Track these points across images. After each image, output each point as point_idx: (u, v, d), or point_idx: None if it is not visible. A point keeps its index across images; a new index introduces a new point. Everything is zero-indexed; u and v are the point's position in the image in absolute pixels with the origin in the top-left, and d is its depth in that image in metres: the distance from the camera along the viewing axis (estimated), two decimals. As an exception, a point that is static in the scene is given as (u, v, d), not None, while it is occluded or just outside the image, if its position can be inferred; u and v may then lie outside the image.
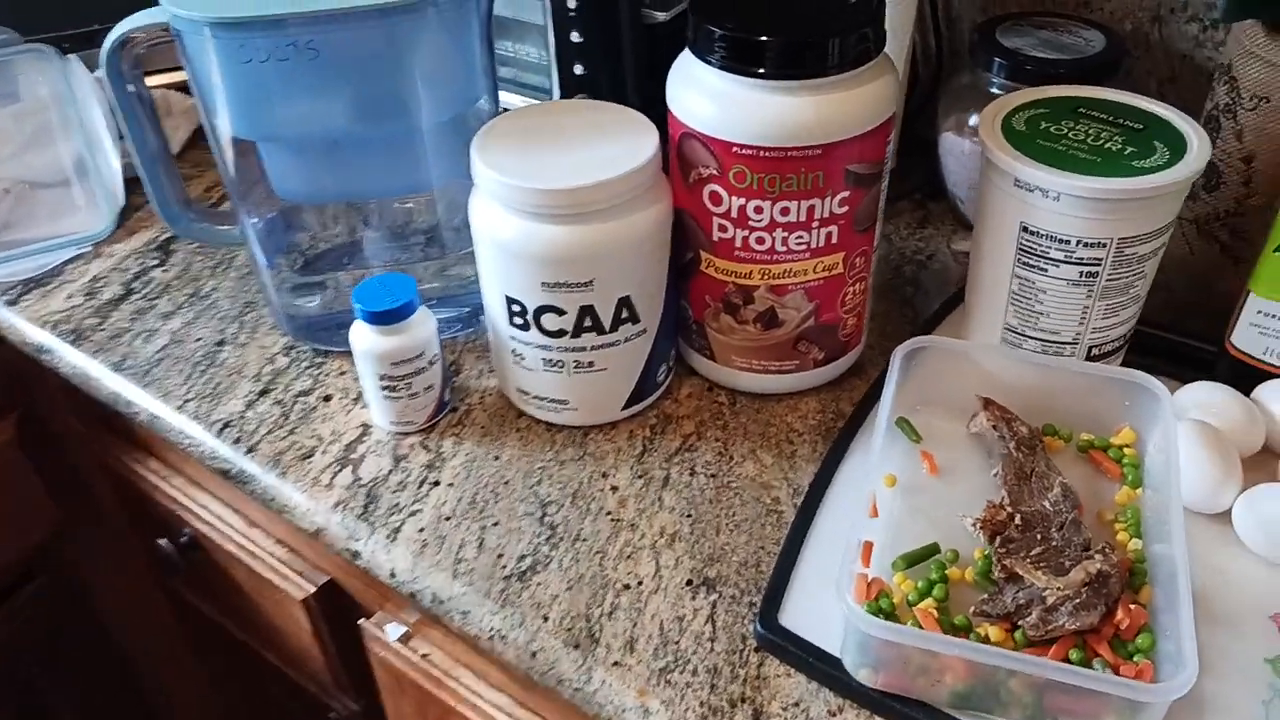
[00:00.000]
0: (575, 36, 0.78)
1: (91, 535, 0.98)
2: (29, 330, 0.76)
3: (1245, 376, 0.61)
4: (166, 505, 0.82)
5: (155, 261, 0.82)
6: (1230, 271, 0.67)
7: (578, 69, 0.80)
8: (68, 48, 0.90)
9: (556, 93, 0.83)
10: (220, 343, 0.73)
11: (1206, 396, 0.58)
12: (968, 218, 0.81)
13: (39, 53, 0.87)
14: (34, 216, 0.84)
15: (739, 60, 0.54)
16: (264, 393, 0.69)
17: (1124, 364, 0.64)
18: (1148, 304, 0.61)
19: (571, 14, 0.77)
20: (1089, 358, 0.62)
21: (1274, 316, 0.58)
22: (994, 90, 0.74)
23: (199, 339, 0.74)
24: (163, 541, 0.81)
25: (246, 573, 0.78)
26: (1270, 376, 0.60)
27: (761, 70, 0.54)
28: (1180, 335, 0.67)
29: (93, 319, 0.76)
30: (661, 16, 0.78)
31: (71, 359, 0.73)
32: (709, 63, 0.55)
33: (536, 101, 0.85)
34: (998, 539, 0.53)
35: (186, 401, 0.68)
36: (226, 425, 0.66)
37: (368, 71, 0.59)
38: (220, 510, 0.78)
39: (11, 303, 0.78)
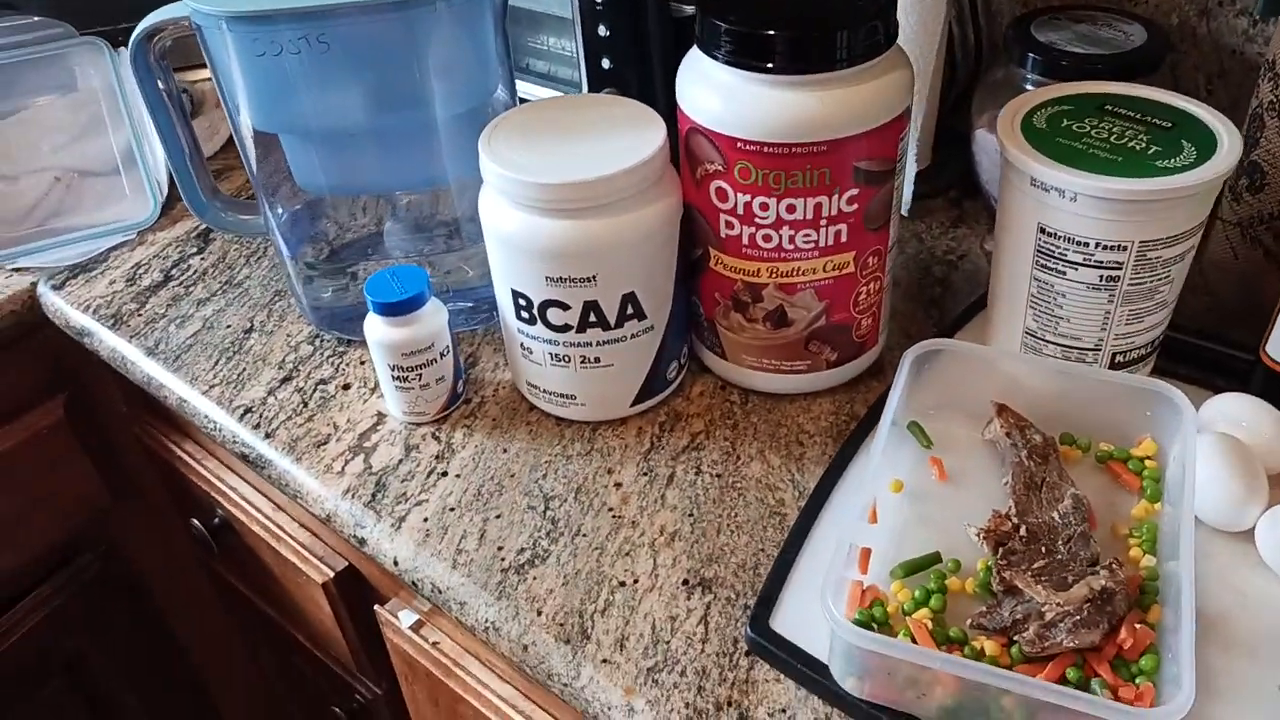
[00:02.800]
0: (602, 30, 0.78)
1: (136, 513, 1.01)
2: (72, 315, 0.79)
3: (1280, 388, 0.58)
4: (201, 486, 0.84)
5: (194, 250, 0.84)
6: (1275, 276, 0.64)
7: (605, 63, 0.80)
8: (121, 40, 0.93)
9: (584, 86, 0.83)
10: (249, 330, 0.75)
11: (1235, 409, 0.56)
12: (1003, 216, 0.78)
13: (92, 45, 0.90)
14: (83, 204, 0.87)
15: (744, 55, 0.53)
16: (286, 380, 0.70)
17: (1156, 371, 0.62)
18: (1191, 310, 0.59)
19: (599, 8, 0.77)
20: (1114, 364, 0.59)
21: (1310, 326, 0.55)
22: (1028, 86, 0.71)
23: (229, 326, 0.76)
24: (195, 522, 0.84)
25: (273, 555, 0.79)
26: (1307, 388, 0.57)
27: (768, 65, 0.53)
28: (1217, 343, 0.63)
29: (131, 304, 0.78)
30: (690, 10, 0.78)
31: (110, 342, 0.76)
32: (715, 58, 0.55)
33: (566, 94, 0.85)
34: (1000, 550, 0.51)
35: (212, 386, 0.70)
36: (248, 410, 0.68)
37: (380, 65, 0.60)
38: (249, 493, 0.80)
39: (58, 287, 0.81)
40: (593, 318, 0.59)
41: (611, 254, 0.57)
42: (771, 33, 0.52)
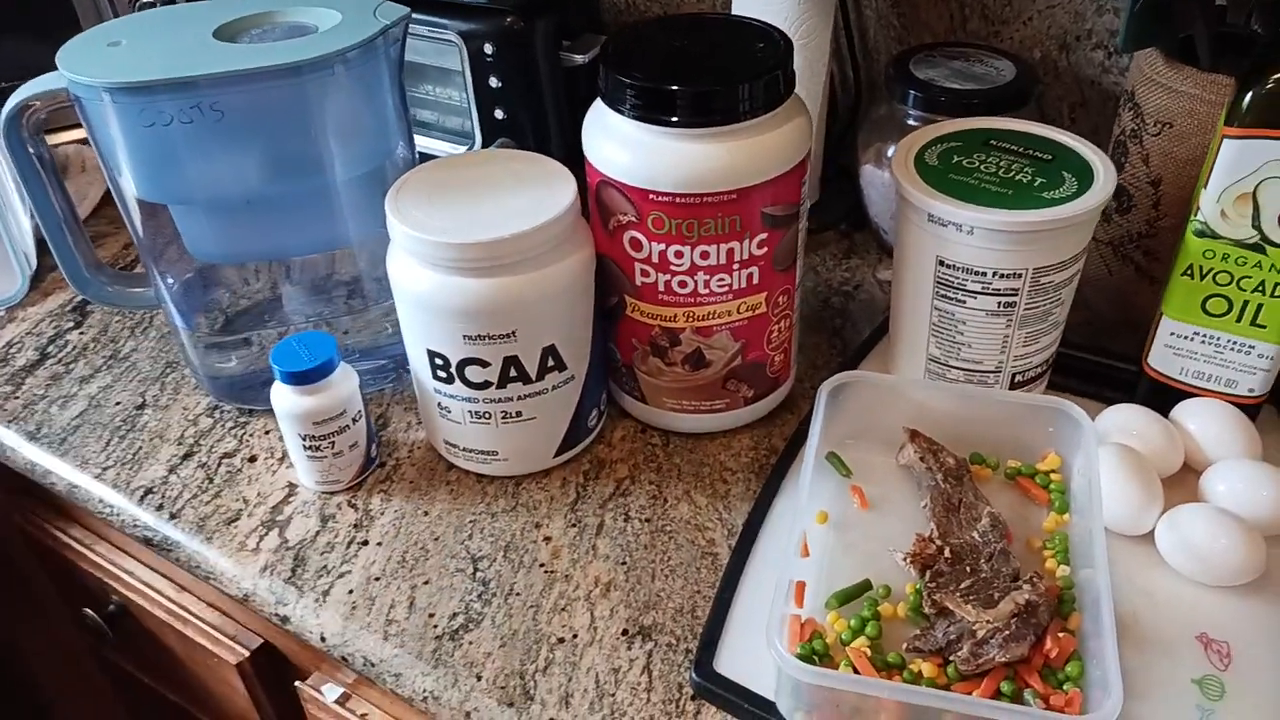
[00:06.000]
0: (494, 82, 0.78)
1: (20, 605, 0.95)
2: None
3: (1164, 396, 0.62)
4: (92, 574, 0.79)
5: (71, 324, 0.80)
6: (1147, 291, 0.68)
7: (498, 113, 0.80)
8: (-25, 106, 0.88)
9: (478, 137, 0.83)
10: (141, 406, 0.71)
11: (1127, 419, 0.59)
12: (891, 245, 0.82)
13: (-56, 113, 0.84)
14: (-57, 282, 0.81)
15: (650, 109, 0.54)
16: (187, 456, 0.67)
17: (1050, 387, 0.65)
18: (1072, 325, 0.62)
19: (489, 59, 0.77)
20: (1013, 385, 0.63)
21: (1185, 338, 0.60)
22: (911, 122, 0.75)
23: (118, 403, 0.72)
24: (89, 611, 0.79)
25: (178, 639, 0.75)
26: (1187, 395, 0.61)
27: (674, 119, 0.54)
28: (1102, 356, 0.68)
29: (6, 386, 0.74)
30: (580, 59, 0.79)
31: (-15, 429, 0.71)
32: (621, 112, 0.55)
33: (459, 146, 0.84)
34: (928, 573, 0.53)
35: (105, 469, 0.66)
36: (149, 492, 0.65)
37: (277, 131, 0.59)
38: (148, 576, 0.76)
39: (-79, 373, 0.75)
40: (513, 373, 0.59)
41: (530, 309, 0.57)
42: (678, 88, 0.53)
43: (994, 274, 0.57)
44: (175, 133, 0.56)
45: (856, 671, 0.49)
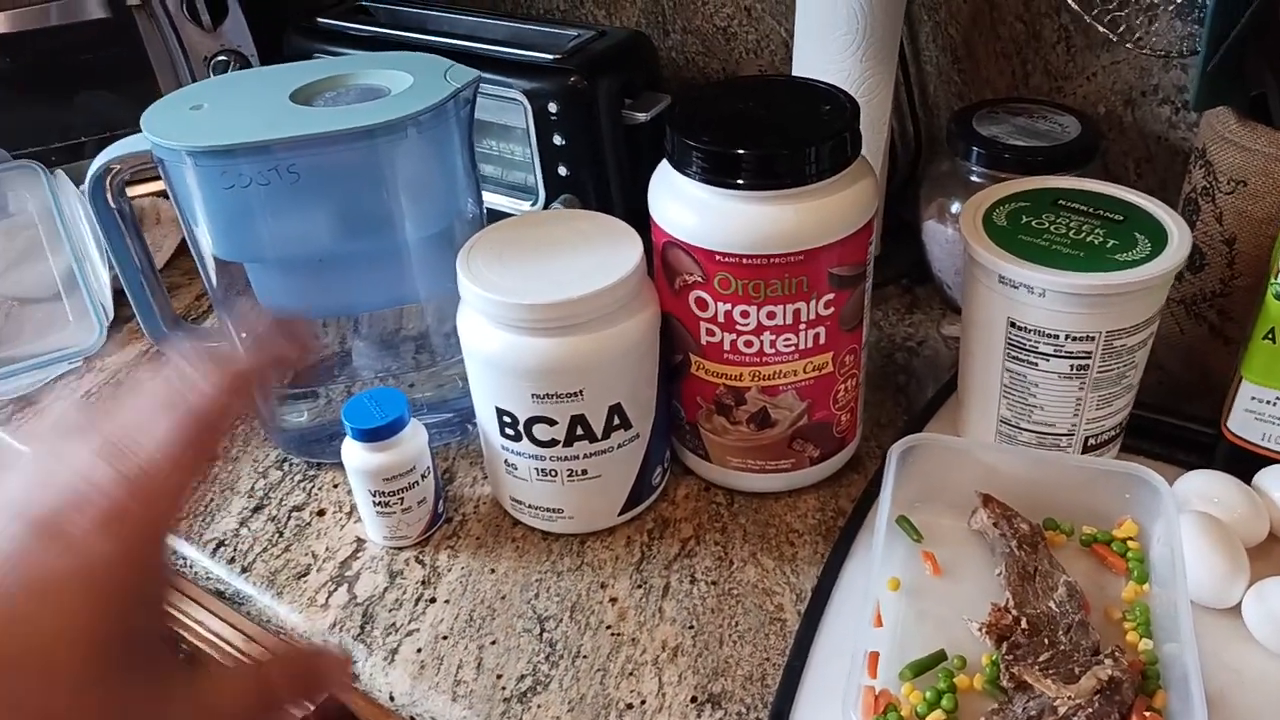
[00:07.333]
0: (557, 139, 0.79)
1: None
2: (19, 449, 0.75)
3: (1244, 462, 0.60)
4: (159, 622, 0.80)
5: (146, 375, 0.81)
6: (1221, 351, 0.67)
7: (561, 170, 0.81)
8: (55, 161, 0.91)
9: (541, 192, 0.84)
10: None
11: (1207, 486, 0.58)
12: (955, 301, 0.81)
13: (26, 169, 0.87)
14: (23, 333, 0.84)
15: (717, 172, 0.54)
16: (258, 509, 0.68)
17: (1122, 449, 0.64)
18: (1143, 385, 0.61)
19: (553, 118, 0.78)
20: (1086, 448, 0.61)
21: (1268, 402, 0.58)
22: (974, 178, 0.74)
23: (190, 455, 0.73)
24: (156, 661, 0.80)
25: (242, 690, 0.76)
26: (1269, 462, 0.59)
27: (740, 182, 0.54)
28: (1177, 418, 0.66)
29: (82, 437, 0.75)
30: (642, 117, 0.80)
31: (61, 479, 0.73)
32: (688, 174, 0.56)
33: (523, 201, 0.85)
34: (1004, 644, 0.52)
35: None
36: (220, 544, 0.66)
37: (350, 191, 0.60)
38: (218, 626, 0.77)
39: (2, 422, 0.77)
40: (580, 431, 0.59)
41: (597, 368, 0.57)
42: (745, 151, 0.53)
43: (1066, 337, 0.56)
44: (252, 194, 0.58)
45: (933, 746, 0.48)
